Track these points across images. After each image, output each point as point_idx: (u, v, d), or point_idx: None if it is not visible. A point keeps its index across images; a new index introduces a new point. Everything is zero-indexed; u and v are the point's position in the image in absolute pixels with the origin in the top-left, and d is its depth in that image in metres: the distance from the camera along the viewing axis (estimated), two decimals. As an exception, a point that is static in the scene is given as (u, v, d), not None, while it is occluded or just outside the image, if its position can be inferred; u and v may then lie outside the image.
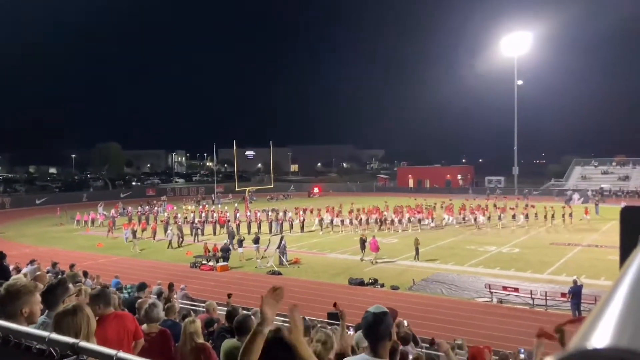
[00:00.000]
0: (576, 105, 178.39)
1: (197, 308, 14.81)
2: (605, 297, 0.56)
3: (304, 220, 39.19)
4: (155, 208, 50.92)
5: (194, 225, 36.93)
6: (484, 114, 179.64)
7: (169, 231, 34.19)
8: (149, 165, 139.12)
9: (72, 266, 16.42)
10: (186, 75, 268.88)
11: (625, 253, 1.07)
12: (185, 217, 40.92)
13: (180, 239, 33.59)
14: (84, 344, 2.00)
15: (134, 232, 33.91)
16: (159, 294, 10.85)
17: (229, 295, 16.44)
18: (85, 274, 16.17)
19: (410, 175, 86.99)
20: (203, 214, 43.06)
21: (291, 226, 38.56)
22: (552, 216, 38.85)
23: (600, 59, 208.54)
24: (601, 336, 0.44)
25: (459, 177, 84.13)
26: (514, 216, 39.49)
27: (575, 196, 47.60)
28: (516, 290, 20.00)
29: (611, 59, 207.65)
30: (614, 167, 75.38)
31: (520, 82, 74.67)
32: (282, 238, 28.51)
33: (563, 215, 38.84)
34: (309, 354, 2.64)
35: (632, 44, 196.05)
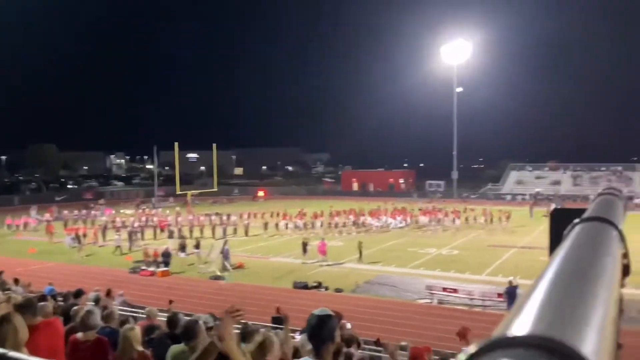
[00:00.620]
0: (512, 112, 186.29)
1: (137, 315, 14.37)
2: (528, 289, 0.59)
3: (248, 224, 38.89)
4: (93, 212, 49.01)
5: (133, 229, 35.83)
6: (425, 119, 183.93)
7: (116, 236, 33.01)
8: (86, 167, 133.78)
9: (0, 273, 15.61)
10: (126, 75, 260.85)
11: (553, 250, 1.13)
12: (124, 221, 39.65)
13: (128, 243, 32.49)
14: (13, 354, 1.91)
15: (77, 237, 32.49)
16: (96, 301, 10.49)
17: (171, 302, 16.12)
18: (16, 281, 15.39)
19: (354, 179, 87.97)
20: (143, 218, 41.92)
21: (235, 230, 38.18)
22: (491, 220, 40.41)
23: (534, 68, 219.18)
24: (521, 325, 0.48)
25: (401, 181, 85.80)
26: (453, 220, 40.75)
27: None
28: (455, 291, 20.62)
29: (544, 68, 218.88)
30: (547, 172, 78.96)
31: (460, 90, 76.94)
32: (225, 242, 28.15)
33: (500, 218, 40.43)
34: None
35: (564, 54, 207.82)
